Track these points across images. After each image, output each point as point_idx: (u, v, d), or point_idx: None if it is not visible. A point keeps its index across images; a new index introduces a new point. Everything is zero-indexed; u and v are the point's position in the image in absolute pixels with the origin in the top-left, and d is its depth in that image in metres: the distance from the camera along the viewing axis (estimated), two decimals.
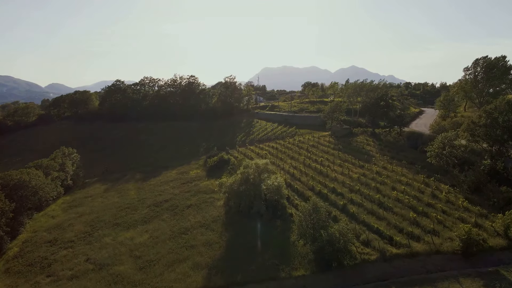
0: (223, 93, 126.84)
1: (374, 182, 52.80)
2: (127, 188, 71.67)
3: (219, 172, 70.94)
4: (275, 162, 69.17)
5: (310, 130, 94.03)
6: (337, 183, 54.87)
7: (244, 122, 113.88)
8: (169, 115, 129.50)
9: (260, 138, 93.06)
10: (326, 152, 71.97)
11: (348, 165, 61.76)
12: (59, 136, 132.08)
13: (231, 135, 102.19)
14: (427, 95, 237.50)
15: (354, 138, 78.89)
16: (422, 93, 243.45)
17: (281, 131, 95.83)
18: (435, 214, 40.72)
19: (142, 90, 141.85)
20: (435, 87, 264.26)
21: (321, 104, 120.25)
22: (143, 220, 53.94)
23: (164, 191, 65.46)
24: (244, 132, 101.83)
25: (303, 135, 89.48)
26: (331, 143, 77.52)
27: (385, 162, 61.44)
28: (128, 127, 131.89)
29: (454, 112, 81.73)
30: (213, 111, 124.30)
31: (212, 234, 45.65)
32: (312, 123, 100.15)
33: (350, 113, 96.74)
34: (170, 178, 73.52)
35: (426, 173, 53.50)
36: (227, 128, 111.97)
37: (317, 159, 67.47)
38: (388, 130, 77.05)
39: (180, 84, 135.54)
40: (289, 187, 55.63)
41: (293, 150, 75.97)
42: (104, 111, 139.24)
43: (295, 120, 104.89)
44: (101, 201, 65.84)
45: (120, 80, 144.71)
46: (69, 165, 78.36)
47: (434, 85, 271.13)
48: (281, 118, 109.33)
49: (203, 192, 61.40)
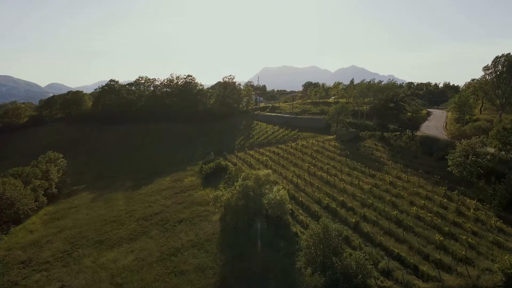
0: (222, 93, 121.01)
1: (389, 195, 46.97)
2: (115, 198, 65.83)
3: (215, 180, 65.18)
4: (276, 169, 63.36)
5: (313, 133, 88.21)
6: (347, 195, 49.04)
7: (243, 124, 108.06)
8: (165, 116, 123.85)
9: (260, 142, 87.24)
10: (332, 158, 66.12)
11: (358, 174, 55.90)
12: (51, 138, 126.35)
13: (230, 139, 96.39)
14: (431, 95, 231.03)
15: (362, 143, 73.03)
16: (425, 93, 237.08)
17: (283, 134, 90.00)
18: (465, 237, 34.88)
19: (137, 90, 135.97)
20: (438, 87, 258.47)
21: (324, 105, 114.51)
22: (129, 237, 48.08)
23: (155, 202, 59.63)
24: (243, 135, 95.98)
25: (306, 139, 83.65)
26: (337, 148, 71.69)
27: (399, 170, 55.59)
28: (122, 129, 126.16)
29: (469, 115, 75.86)
30: (211, 113, 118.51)
31: (206, 257, 39.81)
32: (315, 125, 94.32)
33: (356, 115, 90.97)
34: (163, 186, 67.69)
35: (447, 184, 47.61)
36: (225, 130, 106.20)
37: (323, 166, 61.63)
38: (399, 134, 71.21)
39: (176, 84, 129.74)
40: (293, 200, 49.82)
41: (296, 156, 70.15)
42: (97, 112, 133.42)
43: (297, 122, 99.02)
44: (86, 213, 59.99)
45: (114, 79, 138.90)
46: (54, 172, 72.49)
47: (437, 85, 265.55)
48: (282, 120, 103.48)
49: (197, 204, 55.59)
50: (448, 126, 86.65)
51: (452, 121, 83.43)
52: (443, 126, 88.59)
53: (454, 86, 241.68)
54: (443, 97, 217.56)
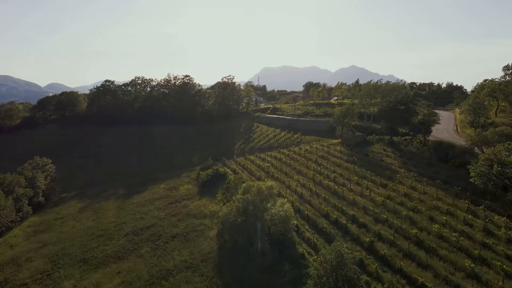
0: (221, 94, 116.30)
1: (405, 209, 42.27)
2: (105, 208, 61.11)
3: (213, 188, 60.51)
4: (279, 177, 58.66)
5: (317, 137, 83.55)
6: (358, 208, 44.36)
7: (243, 127, 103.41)
8: (162, 118, 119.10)
9: (261, 146, 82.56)
10: (339, 165, 61.41)
11: (368, 184, 51.23)
12: (43, 141, 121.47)
13: (229, 142, 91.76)
14: (434, 95, 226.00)
15: (370, 148, 68.38)
16: (428, 94, 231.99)
17: (285, 138, 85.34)
18: (499, 263, 30.23)
19: (133, 91, 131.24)
20: (441, 87, 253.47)
21: (327, 107, 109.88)
22: (117, 255, 43.38)
23: (148, 213, 54.93)
24: (243, 138, 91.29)
25: (310, 143, 79.00)
26: (343, 154, 67.01)
27: (413, 180, 50.90)
28: (117, 131, 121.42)
29: (484, 118, 71.20)
30: (210, 115, 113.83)
31: (200, 282, 35.14)
32: (319, 128, 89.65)
33: (362, 117, 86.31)
34: (157, 195, 62.99)
35: (469, 197, 42.93)
36: (224, 133, 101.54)
37: (329, 174, 56.93)
38: (410, 139, 66.55)
39: (174, 85, 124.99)
40: (298, 213, 45.15)
41: (299, 162, 65.46)
42: (92, 114, 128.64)
43: (300, 125, 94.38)
44: (72, 226, 55.27)
45: (109, 80, 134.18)
46: (41, 179, 67.87)
47: (440, 85, 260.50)
48: (284, 122, 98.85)
49: (193, 216, 50.91)
50: (460, 129, 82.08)
51: (465, 124, 78.83)
52: (453, 129, 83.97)
53: (457, 86, 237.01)
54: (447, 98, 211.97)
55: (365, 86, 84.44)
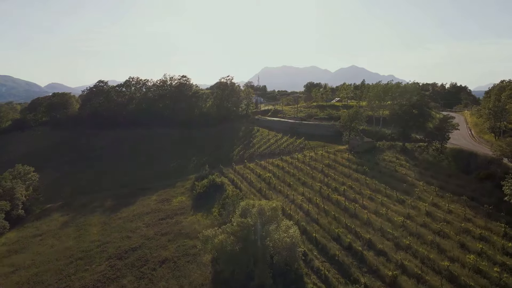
0: (219, 96, 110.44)
1: (430, 232, 36.43)
2: (90, 223, 55.26)
3: (209, 201, 54.73)
4: (282, 190, 52.80)
5: (322, 142, 77.66)
6: (373, 230, 38.52)
7: (243, 131, 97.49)
8: (157, 121, 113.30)
9: (262, 152, 76.69)
10: (348, 176, 55.54)
11: (383, 199, 45.37)
12: (33, 145, 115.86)
13: (227, 147, 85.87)
14: (437, 96, 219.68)
15: (380, 156, 62.55)
16: (432, 94, 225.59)
17: (287, 143, 79.47)
18: None
19: (128, 92, 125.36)
20: (444, 87, 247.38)
21: (331, 109, 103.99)
22: (96, 285, 37.53)
23: (135, 231, 49.11)
24: (243, 144, 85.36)
25: (314, 149, 73.19)
26: (352, 162, 61.13)
27: (434, 195, 45.09)
28: (111, 134, 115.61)
29: (505, 122, 65.36)
30: (207, 117, 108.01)
31: None
32: (323, 133, 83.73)
33: (370, 121, 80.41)
34: (147, 208, 57.16)
35: (504, 218, 37.06)
36: (222, 137, 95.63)
37: (338, 187, 51.08)
38: (425, 146, 60.66)
39: (170, 86, 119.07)
40: (304, 234, 39.41)
41: (304, 172, 59.60)
42: (84, 116, 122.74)
43: (303, 129, 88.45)
44: (51, 245, 49.41)
45: (102, 80, 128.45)
46: (20, 190, 62.02)
47: (444, 86, 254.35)
48: (286, 126, 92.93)
49: (185, 236, 45.14)
50: (476, 134, 76.23)
51: (482, 129, 73.02)
52: (469, 134, 78.17)
53: (461, 87, 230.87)
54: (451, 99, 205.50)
55: (374, 88, 78.45)
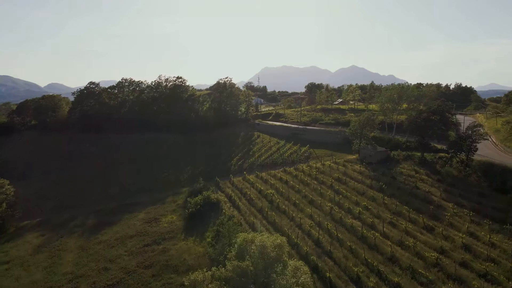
0: (217, 99, 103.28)
1: (473, 275, 29.30)
2: (65, 247, 48.10)
3: (202, 223, 47.67)
4: (286, 211, 45.68)
5: (329, 150, 70.61)
6: (401, 270, 31.37)
7: (242, 136, 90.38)
8: (151, 125, 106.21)
9: (263, 162, 69.62)
10: (362, 193, 48.44)
11: (407, 225, 38.24)
12: (19, 151, 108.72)
13: (225, 155, 78.77)
14: (442, 97, 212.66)
15: (397, 168, 55.47)
16: (437, 96, 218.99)
17: (290, 152, 72.36)
18: None
19: (121, 94, 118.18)
20: (449, 88, 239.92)
21: (337, 113, 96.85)
22: None
23: (115, 261, 41.95)
24: (242, 152, 78.21)
25: (321, 159, 66.11)
26: (365, 176, 53.99)
27: (468, 221, 37.97)
28: (102, 139, 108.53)
29: None
30: (204, 121, 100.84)
31: None
32: (330, 140, 76.65)
33: (382, 127, 73.20)
34: (132, 230, 50.02)
35: None
36: (220, 143, 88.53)
37: (352, 208, 43.98)
38: (448, 158, 53.55)
39: (165, 88, 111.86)
40: (315, 273, 32.26)
41: (311, 187, 52.51)
42: (74, 120, 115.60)
43: (308, 135, 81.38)
44: (16, 277, 42.14)
45: (93, 82, 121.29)
46: None
47: (448, 86, 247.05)
48: (289, 132, 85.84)
49: (172, 269, 38.04)
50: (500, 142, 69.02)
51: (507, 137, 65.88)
52: (491, 142, 70.94)
53: (467, 87, 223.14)
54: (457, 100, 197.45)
55: (387, 90, 71.12)
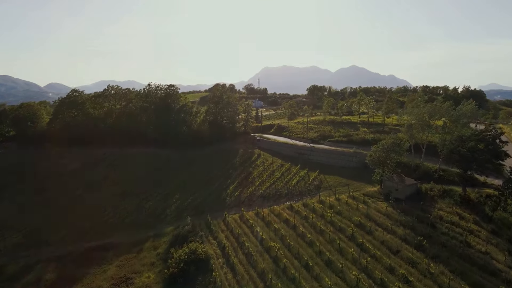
0: (212, 110, 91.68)
1: None
2: None
3: None
4: (295, 278, 34.21)
5: (343, 178, 59.20)
6: None
7: (241, 155, 78.83)
8: (140, 138, 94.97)
9: (264, 192, 58.18)
10: (395, 251, 36.89)
11: None
12: None
13: (220, 180, 67.34)
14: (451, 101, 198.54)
15: (432, 209, 43.97)
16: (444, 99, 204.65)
17: (297, 179, 60.89)
18: None
19: (106, 104, 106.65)
20: (457, 91, 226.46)
21: (348, 127, 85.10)
22: None
23: None
24: (240, 177, 66.53)
25: (335, 190, 54.70)
26: (394, 221, 42.41)
27: None
28: (84, 154, 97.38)
29: None
30: (198, 136, 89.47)
31: None
32: (343, 163, 65.22)
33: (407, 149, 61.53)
34: None
35: None
36: (215, 163, 77.04)
37: (384, 278, 32.50)
38: (497, 196, 42.09)
39: (156, 97, 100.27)
40: None
41: (326, 237, 41.08)
42: (54, 132, 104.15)
43: (316, 156, 69.93)
44: None
45: (77, 90, 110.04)
46: None
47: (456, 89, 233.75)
48: (294, 151, 74.41)
49: None
50: None
51: None
52: None
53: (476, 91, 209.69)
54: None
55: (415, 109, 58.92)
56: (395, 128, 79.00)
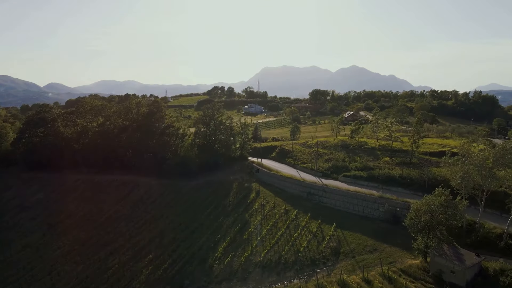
0: (202, 133, 76.67)
1: None
2: None
3: None
4: None
5: (367, 237, 44.36)
6: None
7: (235, 193, 63.78)
8: (117, 162, 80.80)
9: (264, 259, 43.27)
10: None
11: None
12: None
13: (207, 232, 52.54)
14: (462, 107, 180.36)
15: None
16: (455, 105, 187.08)
17: (308, 237, 46.08)
18: None
19: (81, 121, 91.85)
20: (468, 96, 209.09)
21: (366, 154, 70.02)
22: None
23: None
24: (233, 231, 51.41)
25: (358, 258, 39.98)
26: None
27: None
28: (53, 181, 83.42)
29: None
30: (185, 163, 74.24)
31: None
32: (366, 211, 50.41)
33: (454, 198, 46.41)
34: None
35: None
36: (203, 203, 62.10)
37: None
38: None
39: (137, 114, 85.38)
40: None
41: None
42: (19, 154, 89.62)
43: (330, 198, 55.00)
44: None
45: (48, 104, 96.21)
46: None
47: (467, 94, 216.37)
48: (302, 189, 59.48)
49: None
50: None
51: None
52: None
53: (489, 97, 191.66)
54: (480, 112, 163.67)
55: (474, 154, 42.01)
56: (425, 158, 64.14)
